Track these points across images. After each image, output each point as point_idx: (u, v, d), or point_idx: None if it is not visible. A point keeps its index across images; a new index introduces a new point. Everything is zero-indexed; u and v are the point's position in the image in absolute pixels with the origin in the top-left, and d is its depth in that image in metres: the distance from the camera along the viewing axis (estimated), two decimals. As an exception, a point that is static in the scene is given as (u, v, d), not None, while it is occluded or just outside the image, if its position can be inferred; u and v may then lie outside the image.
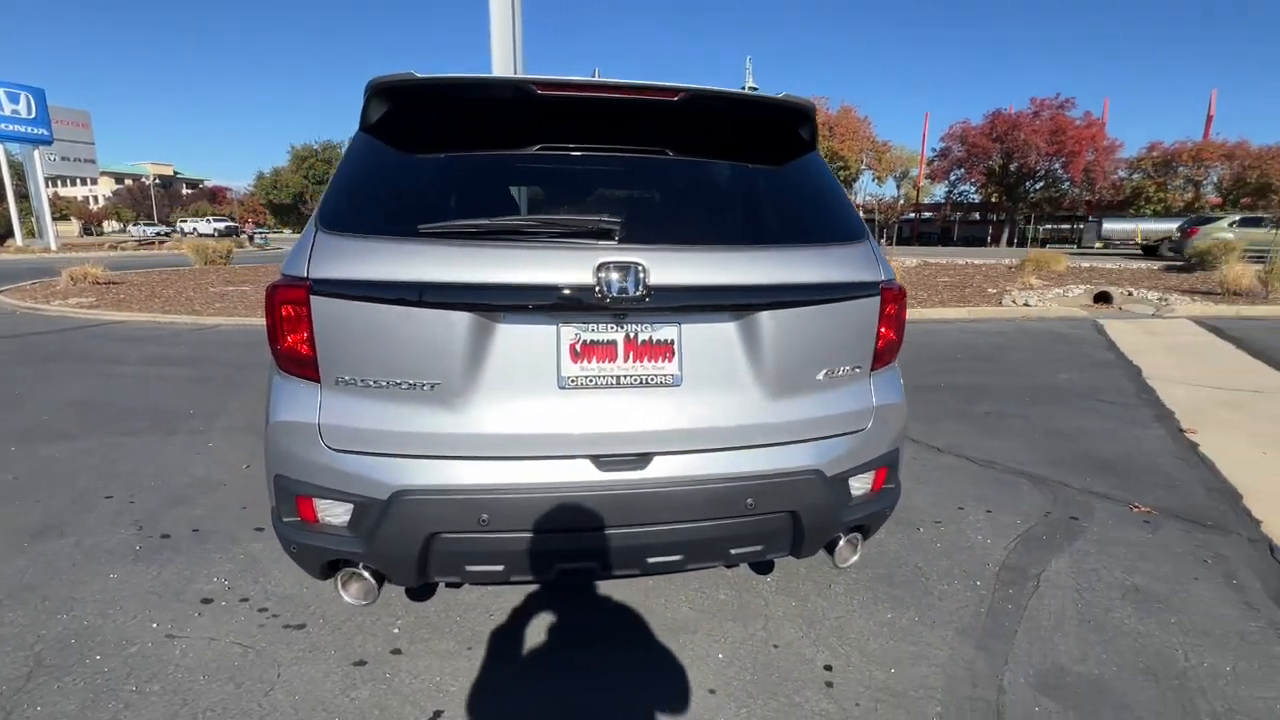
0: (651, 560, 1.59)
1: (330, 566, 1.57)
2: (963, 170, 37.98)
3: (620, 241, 1.48)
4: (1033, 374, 5.54)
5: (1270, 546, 2.57)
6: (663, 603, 2.17)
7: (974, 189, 40.61)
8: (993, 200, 40.57)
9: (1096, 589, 2.27)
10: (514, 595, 2.18)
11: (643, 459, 1.50)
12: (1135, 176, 38.10)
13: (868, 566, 2.39)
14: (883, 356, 1.72)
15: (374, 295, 1.42)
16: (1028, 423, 4.16)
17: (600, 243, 1.48)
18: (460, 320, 1.43)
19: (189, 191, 77.97)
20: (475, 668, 1.85)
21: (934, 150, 40.45)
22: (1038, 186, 38.06)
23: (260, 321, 8.17)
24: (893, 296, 1.67)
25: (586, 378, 1.48)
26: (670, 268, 1.46)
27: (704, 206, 1.77)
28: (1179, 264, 16.54)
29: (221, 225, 41.70)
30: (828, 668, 1.86)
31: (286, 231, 54.85)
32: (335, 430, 1.48)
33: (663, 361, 1.51)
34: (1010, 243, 38.06)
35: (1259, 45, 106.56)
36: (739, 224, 1.78)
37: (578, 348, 1.48)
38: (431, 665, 1.85)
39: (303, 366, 1.50)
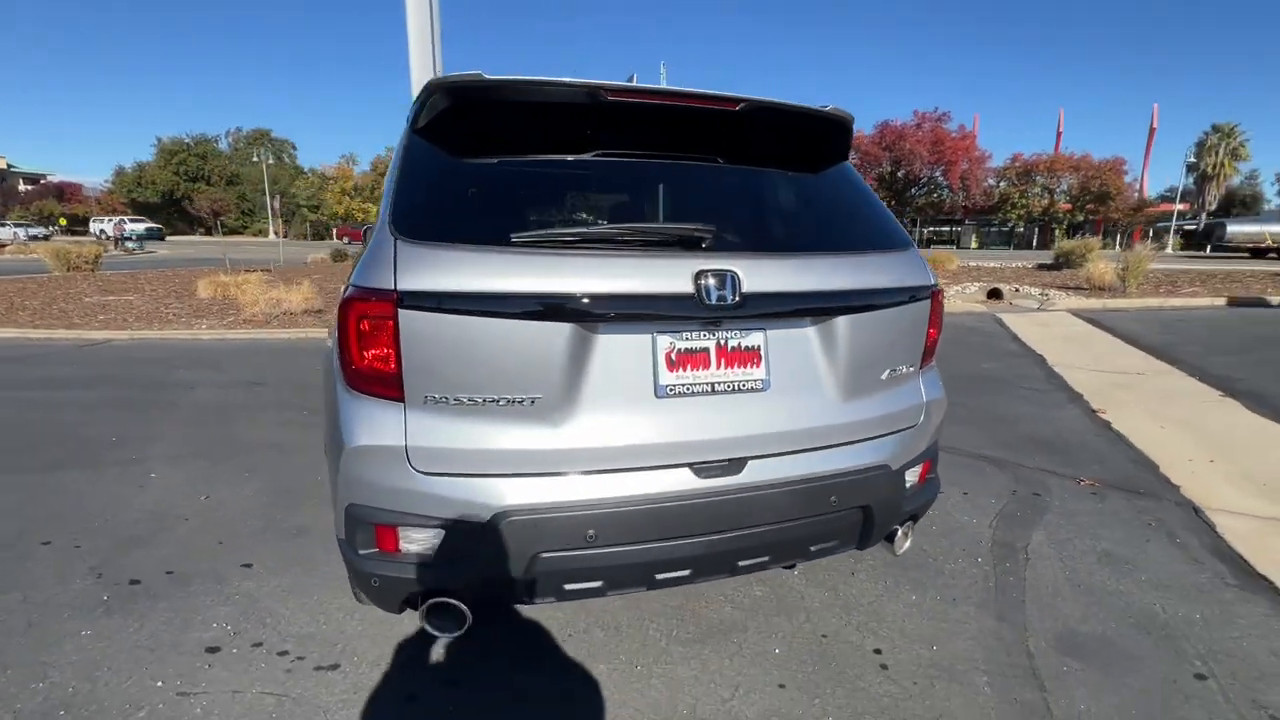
0: (742, 563, 1.61)
1: (410, 599, 1.46)
2: (857, 176, 40.75)
3: (711, 250, 1.50)
4: (961, 364, 6.06)
5: (1194, 508, 2.98)
6: (705, 605, 2.20)
7: (867, 194, 43.56)
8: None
9: (1075, 556, 2.55)
10: (550, 612, 2.13)
11: (736, 464, 1.53)
12: (1002, 184, 42.46)
13: (879, 552, 2.54)
14: (929, 355, 1.85)
15: (469, 308, 1.35)
16: (971, 410, 4.55)
17: (692, 251, 1.49)
18: (561, 332, 1.39)
19: (28, 188, 68.23)
20: (546, 687, 1.79)
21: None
22: (922, 192, 41.43)
23: (168, 335, 7.37)
24: (939, 298, 1.80)
25: (683, 385, 1.49)
26: (760, 275, 1.50)
27: (777, 214, 1.82)
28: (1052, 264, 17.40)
29: (141, 228, 36.37)
30: (877, 651, 1.97)
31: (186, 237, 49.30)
32: (425, 452, 1.39)
33: (751, 367, 1.54)
34: (900, 244, 41.16)
35: (1100, 69, 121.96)
36: (811, 231, 1.85)
37: (673, 356, 1.48)
38: (493, 695, 1.78)
39: (384, 385, 1.40)
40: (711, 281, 1.45)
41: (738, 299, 1.46)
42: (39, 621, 2.06)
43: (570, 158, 1.67)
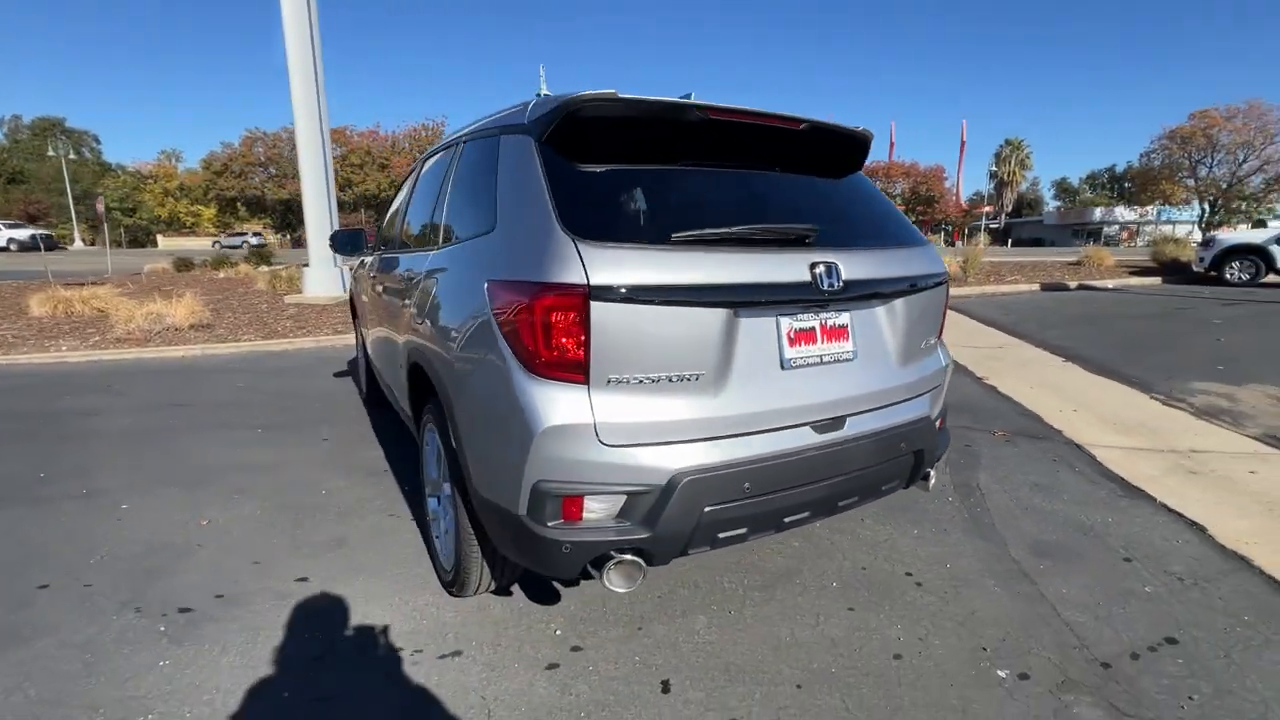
0: (841, 503, 1.95)
1: (595, 561, 1.62)
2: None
3: (814, 245, 1.82)
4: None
5: (1077, 445, 3.81)
6: (760, 558, 2.52)
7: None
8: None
9: (1015, 488, 3.19)
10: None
11: (839, 421, 1.86)
12: (848, 188, 47.25)
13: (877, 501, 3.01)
14: (942, 328, 2.31)
15: (645, 298, 1.55)
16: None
17: (799, 246, 1.80)
18: (717, 316, 1.63)
19: None
20: (663, 639, 2.01)
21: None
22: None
23: (17, 360, 6.31)
24: (948, 283, 2.27)
25: (801, 359, 1.79)
26: (851, 265, 1.84)
27: (840, 214, 2.14)
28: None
29: None
30: (908, 574, 2.41)
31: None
32: (610, 427, 1.56)
33: (843, 341, 1.88)
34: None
35: (925, 85, 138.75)
36: (865, 229, 2.18)
37: (791, 334, 1.77)
38: (623, 649, 1.97)
39: (570, 370, 1.55)
40: (822, 270, 1.77)
41: (840, 285, 1.80)
42: (96, 663, 1.90)
43: (690, 167, 1.92)
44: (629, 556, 1.59)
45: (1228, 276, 13.20)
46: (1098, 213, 52.80)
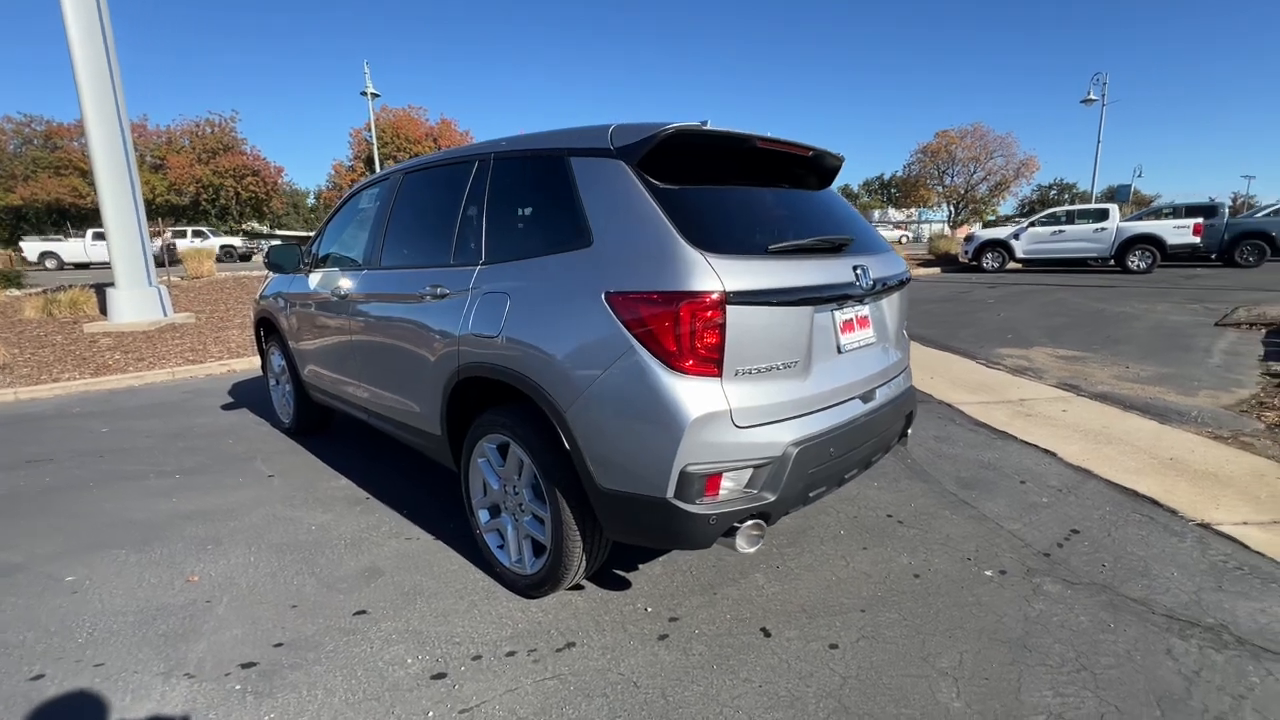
0: (873, 459, 2.40)
1: (729, 530, 1.87)
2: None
3: (849, 252, 2.24)
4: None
5: (948, 404, 4.79)
6: (815, 523, 2.92)
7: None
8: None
9: (925, 441, 3.97)
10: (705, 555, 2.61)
11: (872, 394, 2.30)
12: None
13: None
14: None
15: (761, 300, 1.85)
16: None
17: (839, 253, 2.21)
18: (804, 313, 1.98)
19: None
20: (738, 597, 2.31)
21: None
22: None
23: None
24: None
25: (849, 344, 2.20)
26: (874, 267, 2.30)
27: (845, 223, 2.57)
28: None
29: None
30: (889, 515, 2.98)
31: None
32: (741, 412, 1.83)
33: (868, 329, 2.33)
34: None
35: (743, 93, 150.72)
36: (866, 236, 2.61)
37: (843, 325, 2.18)
38: (713, 612, 2.24)
39: (710, 366, 1.79)
40: (860, 271, 2.20)
41: (872, 283, 2.25)
42: (181, 733, 1.73)
43: (741, 185, 2.23)
44: (755, 520, 1.89)
45: (984, 265, 16.62)
46: (876, 214, 62.13)
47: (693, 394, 1.80)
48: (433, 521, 2.98)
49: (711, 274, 1.79)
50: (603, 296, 1.91)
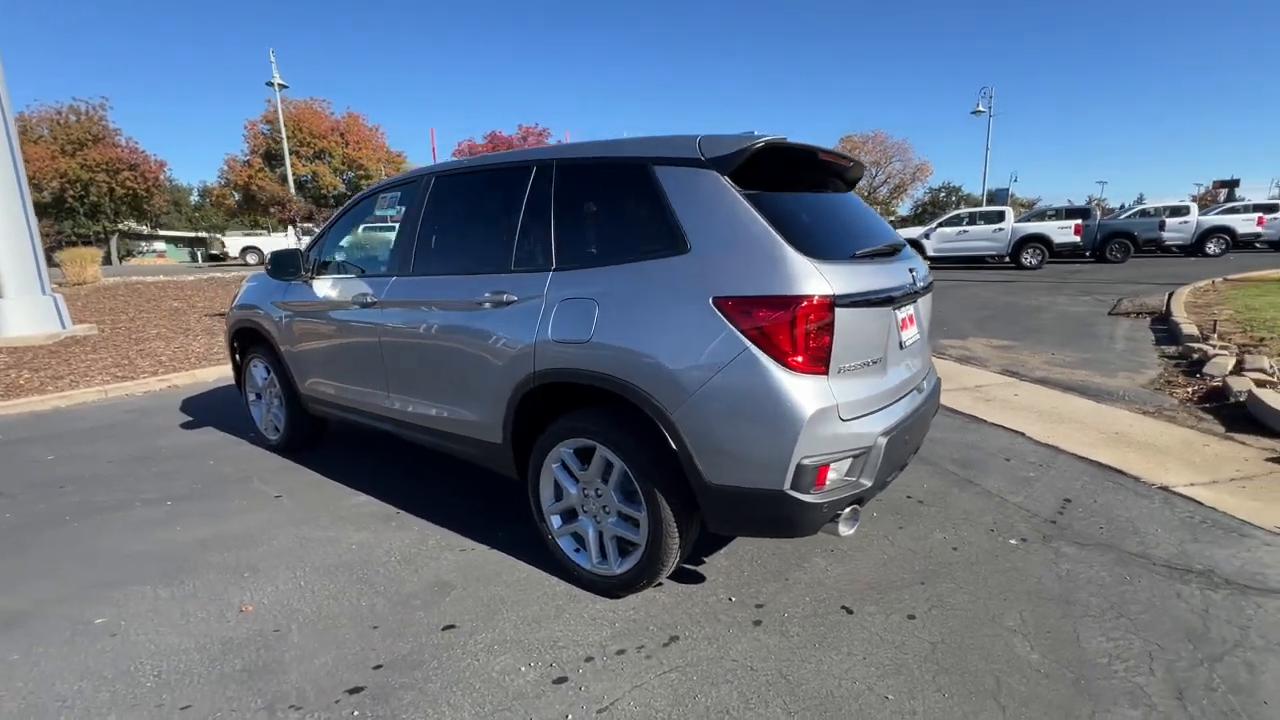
0: (919, 445, 2.63)
1: (834, 516, 2.01)
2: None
3: (900, 255, 2.45)
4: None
5: (917, 393, 5.22)
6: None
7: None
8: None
9: (910, 428, 4.33)
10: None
11: (921, 386, 2.54)
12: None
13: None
14: None
15: (859, 302, 2.01)
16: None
17: (893, 256, 2.41)
18: (886, 313, 2.16)
19: None
20: (810, 581, 2.47)
21: (448, 164, 43.59)
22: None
23: None
24: None
25: (907, 340, 2.39)
26: (919, 269, 2.53)
27: (887, 228, 2.77)
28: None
29: None
30: (908, 497, 3.25)
31: None
32: (844, 406, 1.97)
33: (915, 327, 2.55)
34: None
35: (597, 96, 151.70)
36: (896, 239, 2.84)
37: (902, 323, 2.38)
38: (793, 597, 2.38)
39: (818, 364, 1.92)
40: (914, 273, 2.42)
41: (921, 284, 2.48)
42: (315, 765, 1.66)
43: (807, 193, 2.37)
44: (853, 505, 2.06)
45: (899, 263, 17.88)
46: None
47: (808, 391, 1.93)
48: (480, 531, 2.94)
49: (822, 279, 1.93)
50: (710, 301, 2.00)
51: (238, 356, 4.27)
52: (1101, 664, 1.98)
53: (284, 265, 3.40)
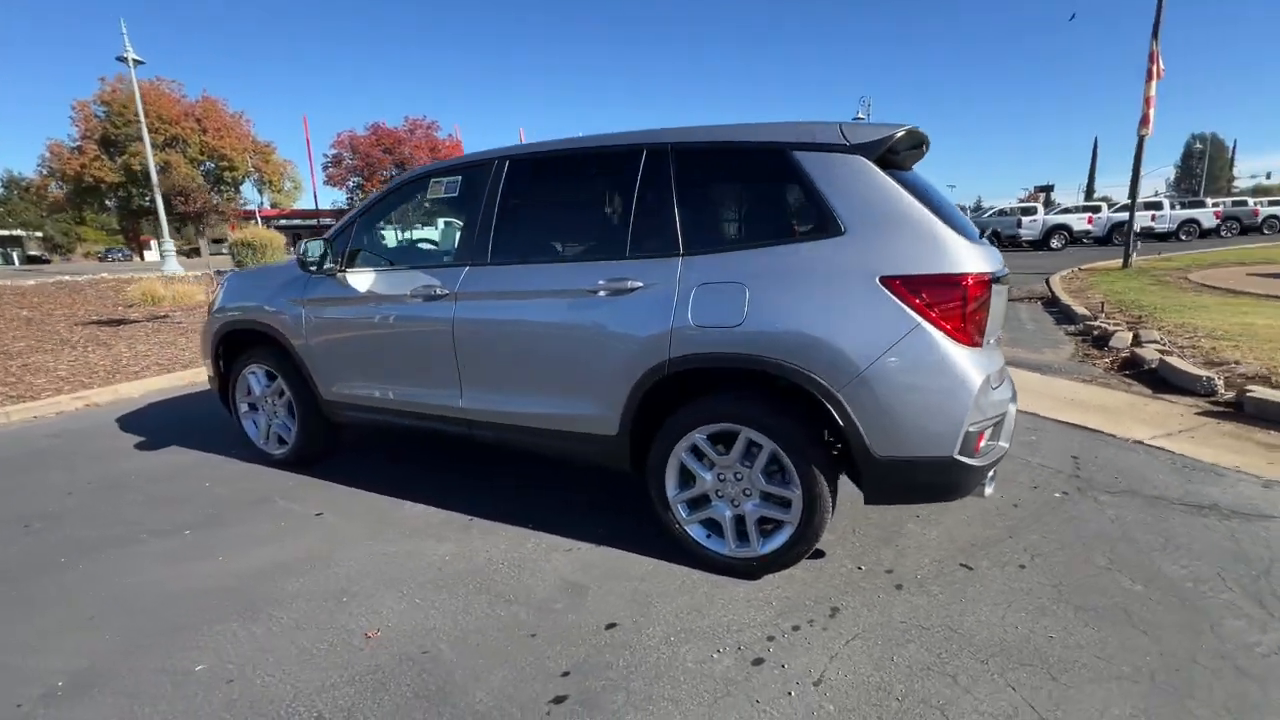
0: None
1: (988, 478, 2.18)
2: (361, 178, 39.50)
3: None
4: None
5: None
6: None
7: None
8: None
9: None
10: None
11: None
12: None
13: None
14: None
15: (998, 278, 2.19)
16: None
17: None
18: (1001, 291, 2.34)
19: None
20: (916, 545, 2.65)
21: (326, 157, 40.25)
22: (426, 195, 43.52)
23: None
24: None
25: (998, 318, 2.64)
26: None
27: None
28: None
29: None
30: (948, 465, 3.55)
31: None
32: (992, 376, 2.15)
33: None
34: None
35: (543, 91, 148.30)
36: None
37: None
38: (915, 560, 2.54)
39: (978, 337, 2.07)
40: (1000, 261, 2.66)
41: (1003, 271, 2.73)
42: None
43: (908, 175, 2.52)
44: (993, 468, 2.25)
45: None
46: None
47: (974, 362, 2.09)
48: (576, 529, 2.83)
49: (979, 258, 2.09)
50: (877, 280, 2.09)
51: (222, 364, 3.74)
52: (1189, 587, 2.31)
53: (316, 257, 3.04)
